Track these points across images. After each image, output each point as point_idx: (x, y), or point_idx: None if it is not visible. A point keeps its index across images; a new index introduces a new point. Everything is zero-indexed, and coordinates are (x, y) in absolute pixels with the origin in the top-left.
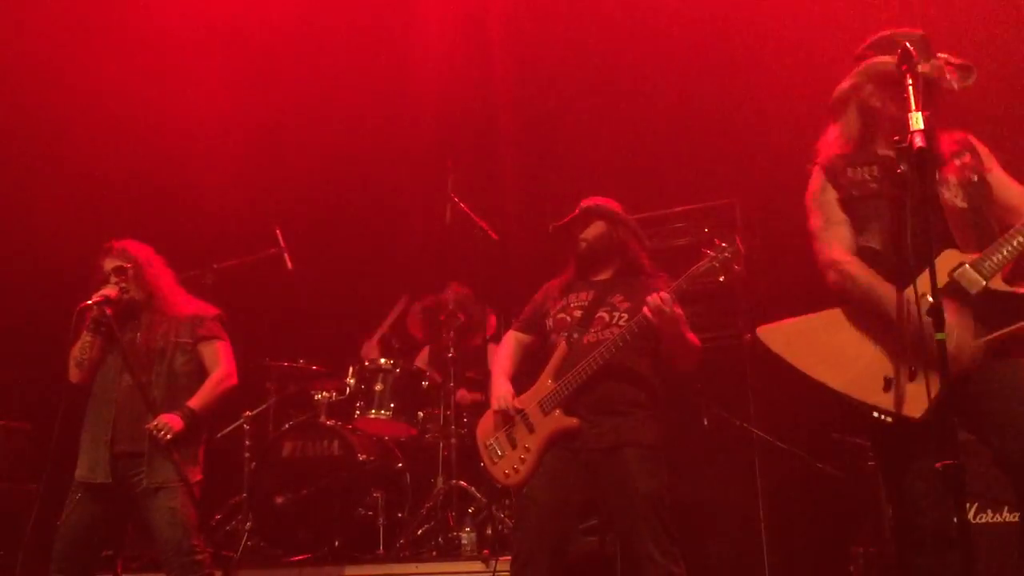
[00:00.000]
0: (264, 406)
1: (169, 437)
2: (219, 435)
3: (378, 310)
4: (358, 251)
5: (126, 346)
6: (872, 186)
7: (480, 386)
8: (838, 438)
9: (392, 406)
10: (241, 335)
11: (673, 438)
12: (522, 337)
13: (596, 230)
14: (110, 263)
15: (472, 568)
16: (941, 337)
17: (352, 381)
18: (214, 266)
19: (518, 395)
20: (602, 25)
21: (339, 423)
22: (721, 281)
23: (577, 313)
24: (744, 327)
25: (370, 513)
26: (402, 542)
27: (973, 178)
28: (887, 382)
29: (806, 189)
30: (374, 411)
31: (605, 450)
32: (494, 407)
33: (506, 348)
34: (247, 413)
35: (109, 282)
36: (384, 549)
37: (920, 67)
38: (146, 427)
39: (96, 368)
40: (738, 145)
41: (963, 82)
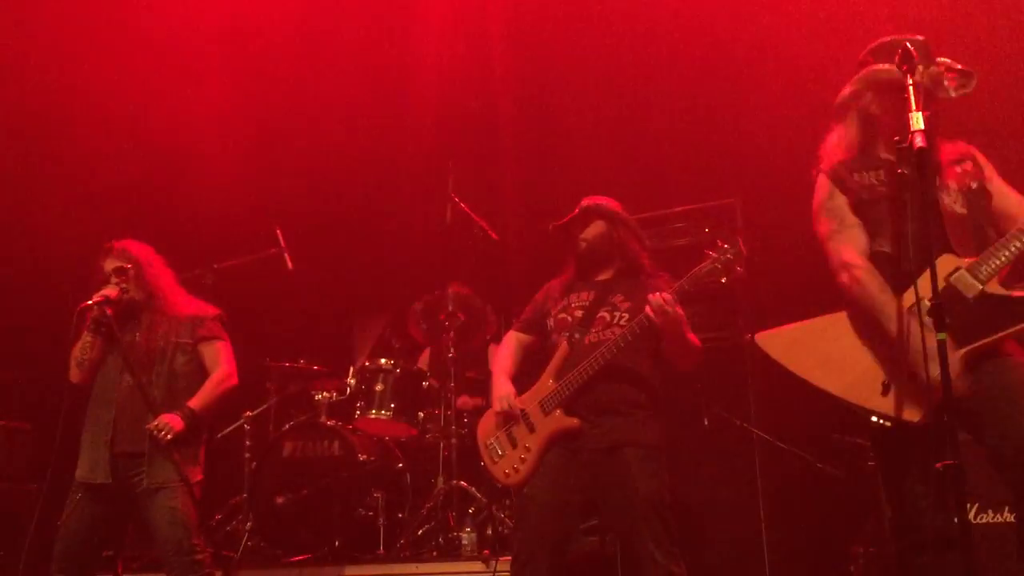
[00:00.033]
0: (265, 406)
1: (169, 437)
2: (220, 435)
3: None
4: (358, 251)
5: (126, 346)
6: (881, 190)
7: (481, 387)
8: (838, 438)
9: (392, 406)
10: (241, 335)
11: (673, 438)
12: (523, 337)
13: (596, 230)
14: (110, 263)
15: (472, 568)
16: (942, 337)
17: (352, 381)
18: (214, 266)
19: (519, 395)
20: (602, 25)
21: (339, 423)
22: (723, 282)
23: (578, 313)
24: (744, 327)
25: (370, 513)
26: (402, 542)
27: (973, 185)
28: (885, 387)
29: (812, 195)
30: (374, 411)
31: (605, 450)
32: (495, 407)
33: (507, 348)
34: (248, 413)
35: (109, 282)
36: (384, 549)
37: (918, 73)
38: (146, 427)
39: (96, 368)
40: (738, 145)
41: (961, 89)
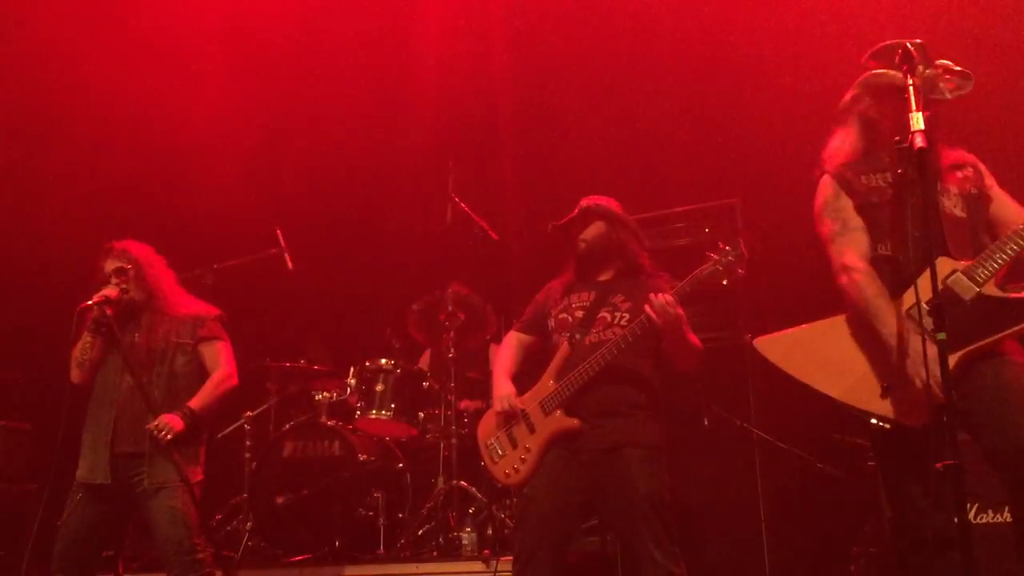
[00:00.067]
0: (265, 406)
1: (169, 437)
2: (220, 435)
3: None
4: (358, 251)
5: (126, 347)
6: (889, 192)
7: (482, 388)
8: (839, 438)
9: (393, 406)
10: (241, 335)
11: (674, 438)
12: (523, 337)
13: (595, 231)
14: (111, 264)
15: (472, 568)
16: (942, 337)
17: (353, 381)
18: (214, 266)
19: (520, 395)
20: (602, 25)
21: (340, 423)
22: (724, 285)
23: (579, 313)
24: (745, 327)
25: (371, 513)
26: (403, 542)
27: (973, 191)
28: (885, 389)
29: (815, 196)
30: (375, 411)
31: (605, 450)
32: (496, 407)
33: (507, 348)
34: (248, 413)
35: (110, 283)
36: (385, 549)
37: (918, 74)
38: (146, 427)
39: (97, 369)
40: (738, 145)
41: (958, 91)
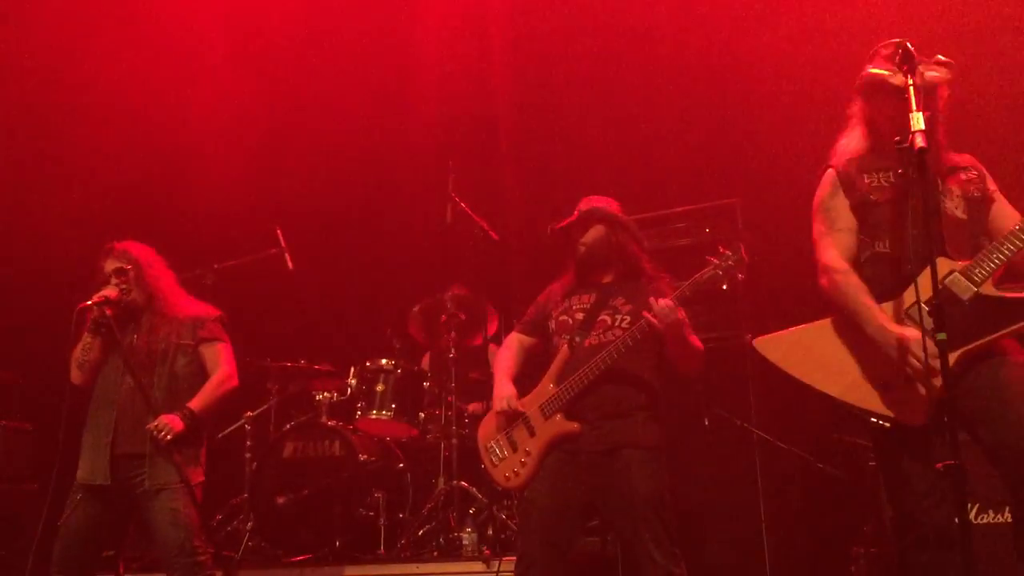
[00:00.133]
0: (265, 406)
1: (169, 438)
2: (220, 435)
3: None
4: (359, 251)
5: (127, 348)
6: (889, 191)
7: (484, 389)
8: (838, 438)
9: (393, 407)
10: (242, 335)
11: (674, 439)
12: (524, 339)
13: (595, 234)
14: (111, 264)
15: (473, 568)
16: (942, 337)
17: (353, 381)
18: (214, 266)
19: (521, 398)
20: (602, 25)
21: (340, 423)
22: (724, 289)
23: (579, 316)
24: (745, 327)
25: (371, 513)
26: (403, 542)
27: (976, 194)
28: (884, 388)
29: (813, 195)
30: (375, 412)
31: (605, 452)
32: (496, 408)
33: (509, 349)
34: (248, 413)
35: (110, 283)
36: (385, 549)
37: (897, 76)
38: (146, 428)
39: (97, 370)
40: (738, 145)
41: (935, 69)
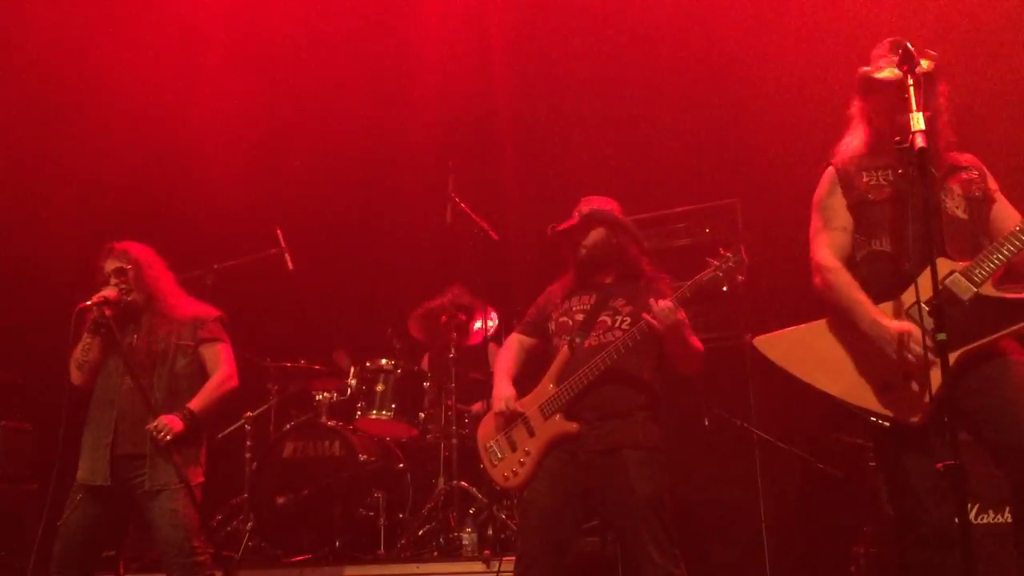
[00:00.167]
0: (265, 406)
1: (169, 438)
2: (220, 435)
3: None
4: (359, 251)
5: (127, 348)
6: (888, 190)
7: (485, 389)
8: (838, 438)
9: (393, 407)
10: (242, 335)
11: (674, 439)
12: (525, 339)
13: (596, 236)
14: (111, 264)
15: (473, 568)
16: (942, 338)
17: (353, 382)
18: (214, 266)
19: (521, 398)
20: (602, 25)
21: (340, 423)
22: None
23: (579, 317)
24: (745, 328)
25: (371, 513)
26: (403, 542)
27: (977, 194)
28: (884, 387)
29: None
30: (375, 412)
31: (604, 452)
32: (495, 408)
33: (509, 350)
34: (248, 413)
35: (109, 283)
36: (385, 549)
37: (884, 73)
38: (146, 428)
39: (97, 370)
40: (738, 145)
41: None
